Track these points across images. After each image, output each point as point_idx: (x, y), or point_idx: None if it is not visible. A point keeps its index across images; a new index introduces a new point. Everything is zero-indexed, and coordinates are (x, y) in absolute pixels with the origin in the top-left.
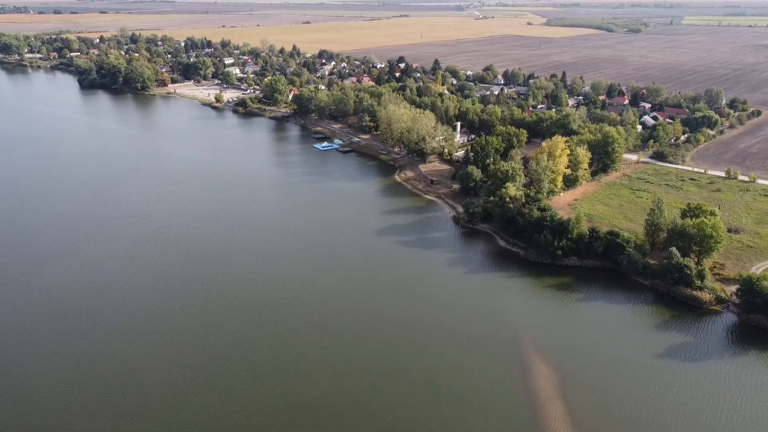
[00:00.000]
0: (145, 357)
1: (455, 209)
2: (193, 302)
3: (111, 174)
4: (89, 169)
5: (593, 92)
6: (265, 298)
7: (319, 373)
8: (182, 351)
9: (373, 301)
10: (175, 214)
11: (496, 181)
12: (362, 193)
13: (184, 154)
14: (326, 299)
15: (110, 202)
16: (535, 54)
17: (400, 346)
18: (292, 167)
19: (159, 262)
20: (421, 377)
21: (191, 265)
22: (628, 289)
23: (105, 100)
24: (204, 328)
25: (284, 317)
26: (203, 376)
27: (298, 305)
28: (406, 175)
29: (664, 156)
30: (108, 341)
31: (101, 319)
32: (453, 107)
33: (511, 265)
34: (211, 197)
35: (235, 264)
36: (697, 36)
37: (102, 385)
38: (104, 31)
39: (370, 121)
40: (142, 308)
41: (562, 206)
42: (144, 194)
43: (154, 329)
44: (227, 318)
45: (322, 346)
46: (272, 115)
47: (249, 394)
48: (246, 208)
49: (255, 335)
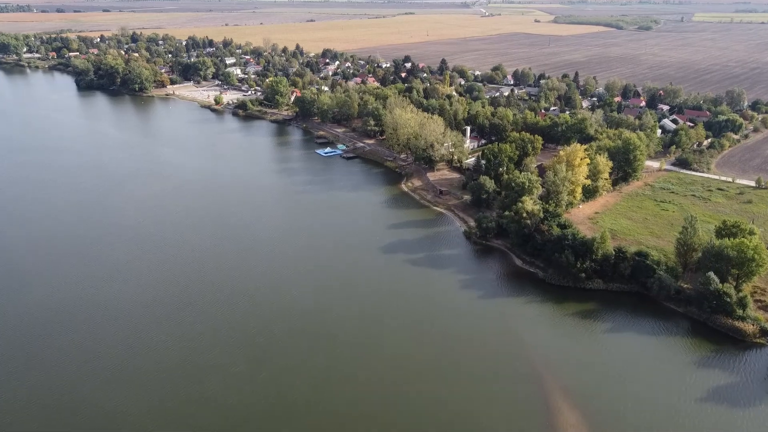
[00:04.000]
0: (131, 395)
1: (466, 223)
2: (188, 337)
3: (101, 185)
4: (77, 181)
5: (607, 93)
6: (268, 330)
7: (327, 422)
8: (173, 391)
9: (380, 331)
10: (169, 230)
11: (510, 193)
12: (367, 204)
13: (181, 162)
14: (333, 328)
15: (98, 217)
16: (544, 52)
17: (405, 390)
18: (293, 176)
19: (152, 284)
20: (429, 425)
21: (186, 289)
22: (660, 316)
23: (101, 103)
24: (198, 368)
25: (289, 353)
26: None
27: (305, 337)
28: (413, 184)
29: (687, 163)
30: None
31: (71, 355)
32: (462, 110)
33: (529, 287)
34: (207, 211)
35: (233, 290)
36: (709, 33)
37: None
38: (106, 30)
39: (374, 126)
40: (130, 342)
41: (582, 220)
42: (136, 207)
43: (147, 362)
44: (224, 354)
45: (328, 392)
46: (273, 118)
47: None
48: (245, 223)
49: (255, 374)
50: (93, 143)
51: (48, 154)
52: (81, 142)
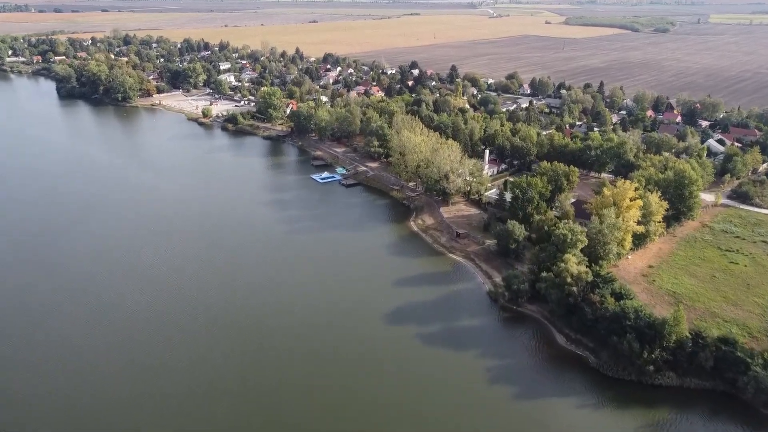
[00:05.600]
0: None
1: (491, 278)
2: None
3: (63, 216)
4: (20, 215)
5: (637, 106)
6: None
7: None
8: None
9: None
10: (134, 280)
11: (548, 246)
12: (369, 249)
13: (157, 189)
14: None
15: (50, 262)
16: (559, 57)
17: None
18: (283, 210)
19: (109, 351)
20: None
21: (146, 369)
22: (757, 426)
23: (79, 114)
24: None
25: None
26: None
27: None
28: (424, 221)
29: (747, 196)
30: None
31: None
32: (478, 129)
33: (577, 379)
34: (183, 251)
35: (204, 377)
36: (730, 36)
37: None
38: (101, 31)
39: (379, 147)
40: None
41: (635, 277)
42: (91, 254)
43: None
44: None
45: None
46: (266, 134)
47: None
48: (216, 282)
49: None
50: (57, 164)
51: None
52: (43, 162)
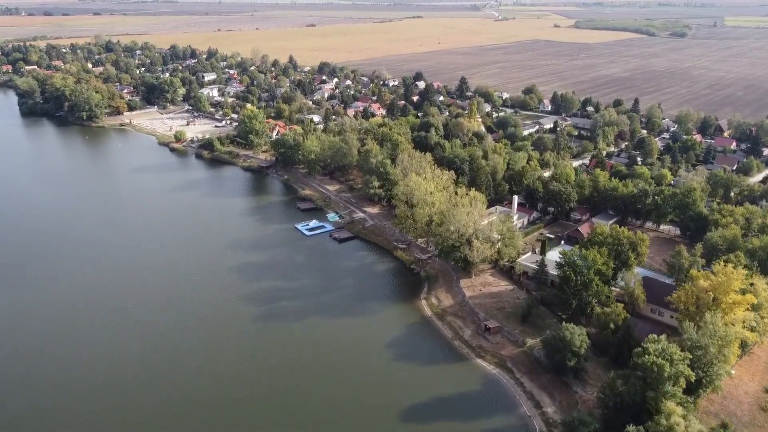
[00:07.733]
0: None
1: (540, 407)
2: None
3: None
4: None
5: (680, 129)
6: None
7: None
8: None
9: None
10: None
11: (635, 381)
12: (367, 347)
13: (108, 244)
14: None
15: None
16: (576, 65)
17: None
18: (260, 276)
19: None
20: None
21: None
22: None
23: (37, 136)
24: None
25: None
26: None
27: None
28: (439, 301)
29: None
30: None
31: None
32: (502, 165)
33: None
34: (131, 344)
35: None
36: (753, 41)
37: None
38: (87, 36)
39: (379, 189)
40: None
41: (748, 408)
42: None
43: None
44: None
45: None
46: (247, 164)
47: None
48: (182, 376)
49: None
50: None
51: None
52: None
